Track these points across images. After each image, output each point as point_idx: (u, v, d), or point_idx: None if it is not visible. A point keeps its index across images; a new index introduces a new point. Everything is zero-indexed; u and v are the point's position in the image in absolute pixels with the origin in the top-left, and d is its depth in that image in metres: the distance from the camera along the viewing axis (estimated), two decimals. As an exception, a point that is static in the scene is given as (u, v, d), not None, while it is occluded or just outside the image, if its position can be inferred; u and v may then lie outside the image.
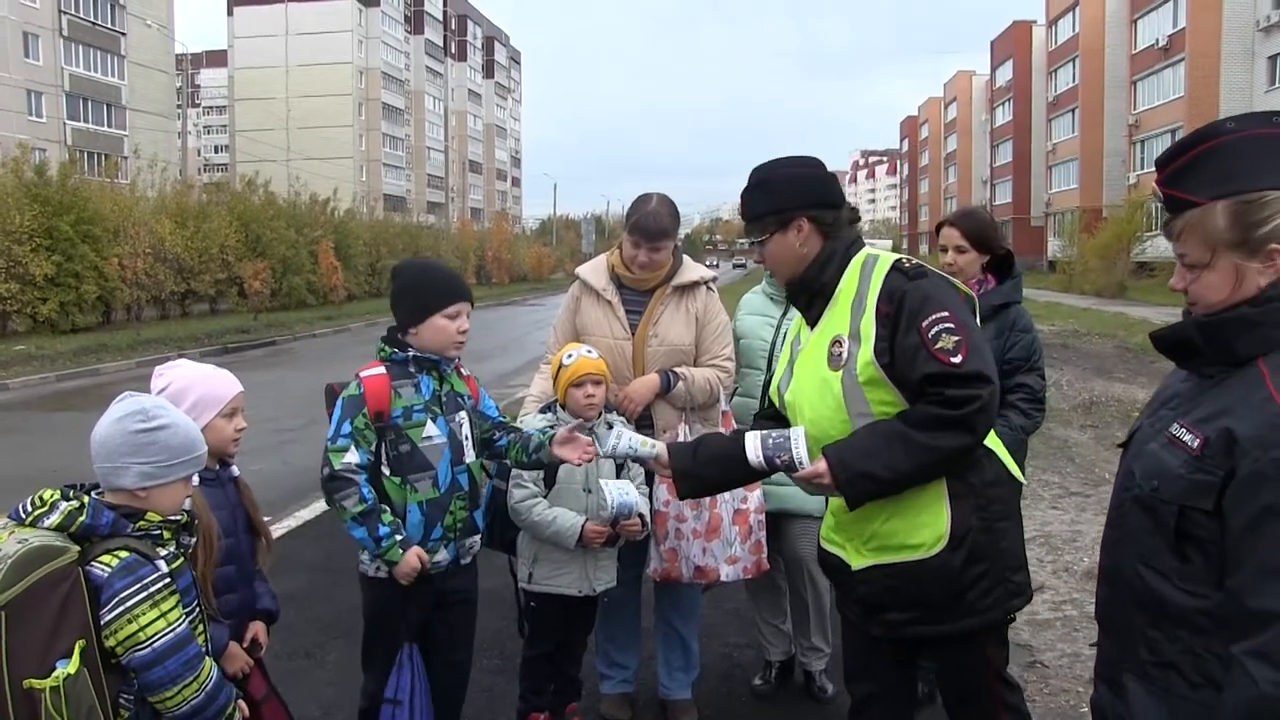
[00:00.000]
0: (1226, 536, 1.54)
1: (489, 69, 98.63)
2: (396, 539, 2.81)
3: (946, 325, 2.19)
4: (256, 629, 2.70)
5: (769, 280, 3.74)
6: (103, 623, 1.89)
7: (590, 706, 3.70)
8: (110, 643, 1.90)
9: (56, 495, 1.97)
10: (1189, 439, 1.61)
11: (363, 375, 2.91)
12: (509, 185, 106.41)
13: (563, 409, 3.34)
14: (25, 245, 21.19)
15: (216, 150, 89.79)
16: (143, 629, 1.91)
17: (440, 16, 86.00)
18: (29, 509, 1.95)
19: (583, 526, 3.21)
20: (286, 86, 70.35)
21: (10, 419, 12.20)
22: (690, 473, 2.53)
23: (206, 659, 2.06)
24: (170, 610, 1.96)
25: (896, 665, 2.51)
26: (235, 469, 2.70)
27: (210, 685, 2.03)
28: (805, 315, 2.52)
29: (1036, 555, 5.62)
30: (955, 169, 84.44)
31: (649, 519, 3.36)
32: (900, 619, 2.34)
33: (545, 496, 3.28)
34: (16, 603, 1.80)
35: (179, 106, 50.34)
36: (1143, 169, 43.90)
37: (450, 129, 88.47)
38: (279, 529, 6.43)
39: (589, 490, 3.29)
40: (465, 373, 3.11)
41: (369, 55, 73.59)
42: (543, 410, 3.43)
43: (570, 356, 3.31)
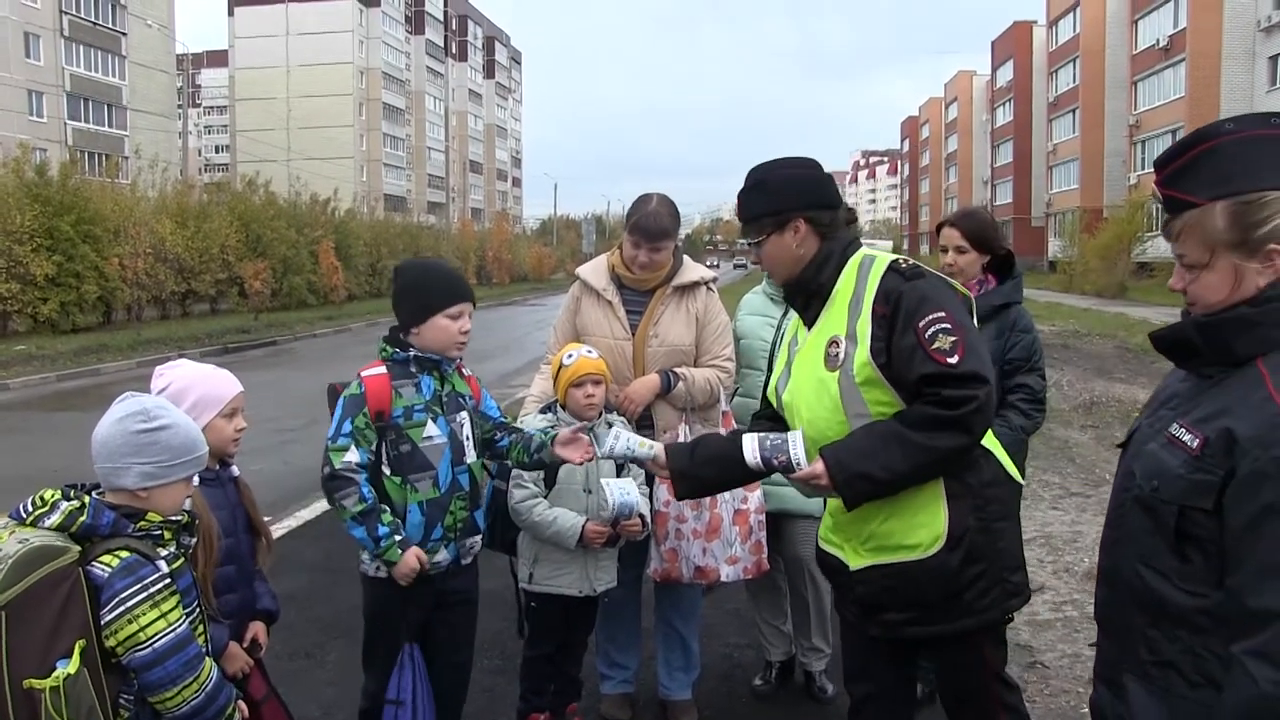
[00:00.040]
0: (1226, 536, 1.54)
1: (489, 69, 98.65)
2: (395, 539, 2.81)
3: (943, 326, 2.19)
4: (256, 629, 2.70)
5: (769, 281, 3.74)
6: (103, 623, 1.89)
7: (590, 707, 3.70)
8: (110, 643, 1.90)
9: (57, 495, 1.97)
10: (1188, 439, 1.61)
11: (364, 375, 2.91)
12: (509, 185, 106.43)
13: (563, 409, 3.34)
14: (26, 245, 21.22)
15: (217, 150, 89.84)
16: (143, 629, 1.91)
17: (441, 17, 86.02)
18: (30, 509, 1.95)
19: (583, 527, 3.21)
20: (287, 86, 70.37)
21: (11, 419, 12.21)
22: (688, 473, 2.53)
23: (206, 659, 2.06)
24: (170, 611, 1.96)
25: (895, 665, 2.51)
26: (235, 469, 2.70)
27: (210, 686, 2.03)
28: (802, 316, 2.52)
29: (1037, 556, 5.62)
30: (956, 169, 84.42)
31: (649, 519, 3.36)
32: (898, 619, 2.34)
33: (545, 497, 3.28)
34: (17, 602, 1.80)
35: (180, 106, 50.31)
36: (1143, 169, 43.88)
37: (451, 129, 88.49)
38: (279, 529, 6.43)
39: (589, 490, 3.29)
40: (467, 373, 3.11)
41: (370, 55, 73.60)
42: (543, 410, 3.42)
43: (570, 356, 3.31)
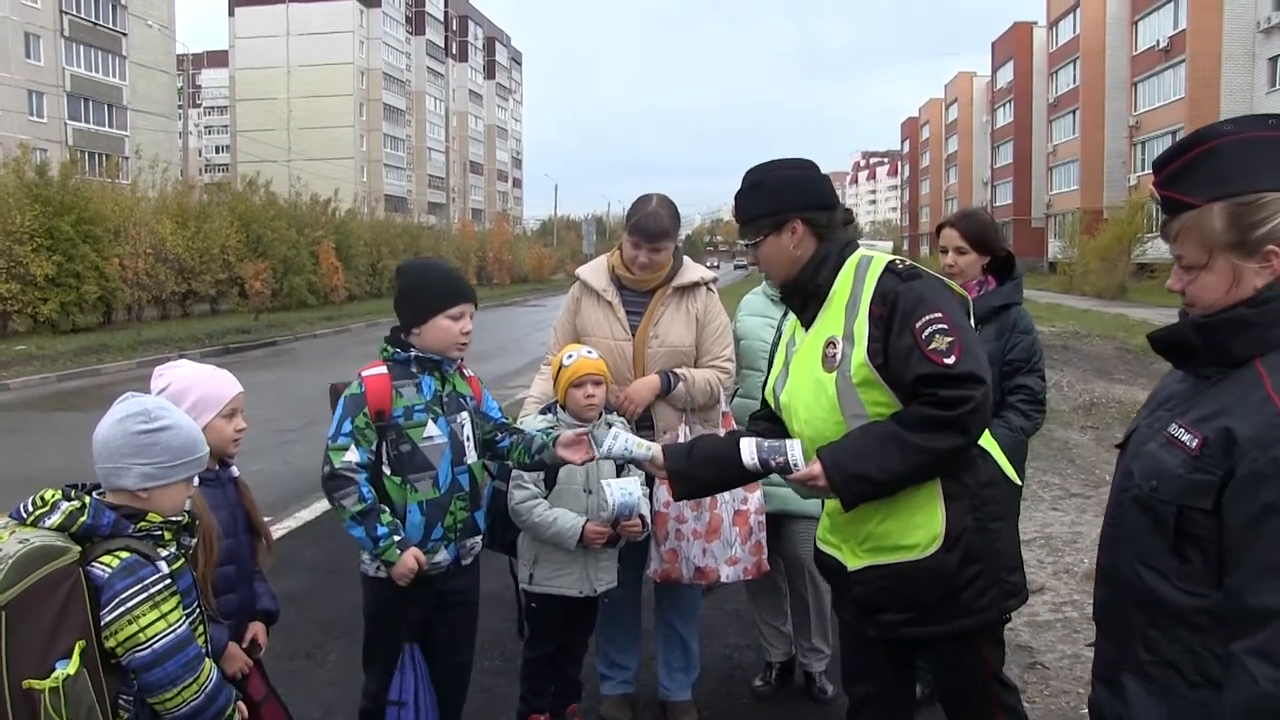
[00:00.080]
0: (1225, 536, 1.54)
1: (490, 70, 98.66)
2: (394, 539, 2.81)
3: (940, 326, 2.20)
4: (256, 629, 2.70)
5: (769, 281, 3.74)
6: (103, 623, 1.89)
7: (590, 708, 3.70)
8: (110, 643, 1.90)
9: (58, 495, 1.97)
10: (1187, 439, 1.61)
11: (364, 374, 2.91)
12: (510, 186, 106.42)
13: (563, 410, 3.34)
14: (26, 245, 21.23)
15: (218, 150, 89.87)
16: (143, 630, 1.91)
17: (441, 17, 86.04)
18: (30, 509, 1.95)
19: (583, 527, 3.21)
20: (288, 87, 70.36)
21: (11, 419, 12.21)
22: (685, 474, 2.53)
23: (206, 660, 2.06)
24: (171, 611, 1.96)
25: (894, 666, 2.51)
26: (235, 469, 2.70)
27: (210, 687, 2.03)
28: (800, 317, 2.53)
29: (1037, 557, 5.62)
30: (956, 170, 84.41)
31: (649, 520, 3.36)
32: (896, 620, 2.34)
33: (546, 497, 3.28)
34: (17, 603, 1.80)
35: (180, 107, 50.38)
36: (1143, 170, 43.83)
37: (451, 130, 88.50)
38: (280, 529, 6.43)
39: (589, 491, 3.29)
40: (468, 373, 3.11)
41: (370, 56, 73.61)
42: (543, 411, 3.42)
43: (570, 357, 3.31)
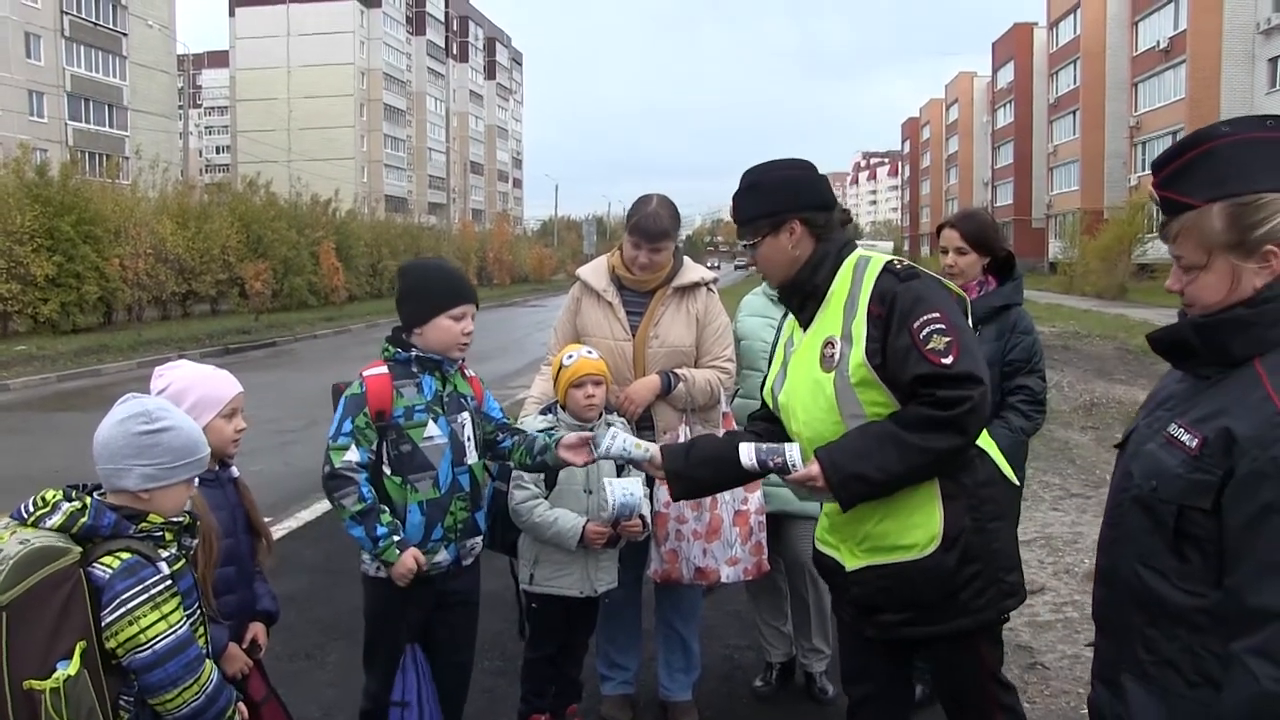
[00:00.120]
0: (1225, 535, 1.54)
1: (490, 70, 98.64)
2: (394, 539, 2.82)
3: (938, 326, 2.20)
4: (256, 630, 2.70)
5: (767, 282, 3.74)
6: (104, 624, 1.89)
7: (591, 708, 3.70)
8: (111, 644, 1.90)
9: (59, 496, 1.97)
10: (1187, 439, 1.61)
11: (365, 374, 2.92)
12: (510, 186, 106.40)
13: (563, 410, 3.34)
14: (26, 246, 21.24)
15: (218, 151, 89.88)
16: (143, 631, 1.91)
17: (442, 18, 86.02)
18: (31, 509, 1.95)
19: (584, 528, 3.21)
20: (288, 87, 70.36)
21: (11, 419, 12.21)
22: (683, 474, 2.54)
23: (207, 661, 2.06)
24: (171, 612, 1.96)
25: (892, 667, 2.52)
26: (235, 470, 2.70)
27: (211, 688, 2.03)
28: (798, 317, 2.53)
29: (1037, 557, 5.62)
30: (956, 170, 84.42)
31: (650, 520, 3.36)
32: (894, 620, 2.34)
33: (546, 498, 3.28)
34: (18, 603, 1.80)
35: (180, 107, 50.51)
36: (1144, 171, 43.77)
37: (452, 130, 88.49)
38: (280, 530, 6.44)
39: (590, 491, 3.29)
40: (469, 374, 3.11)
41: (370, 56, 73.60)
42: (543, 411, 3.42)
43: (570, 357, 3.31)
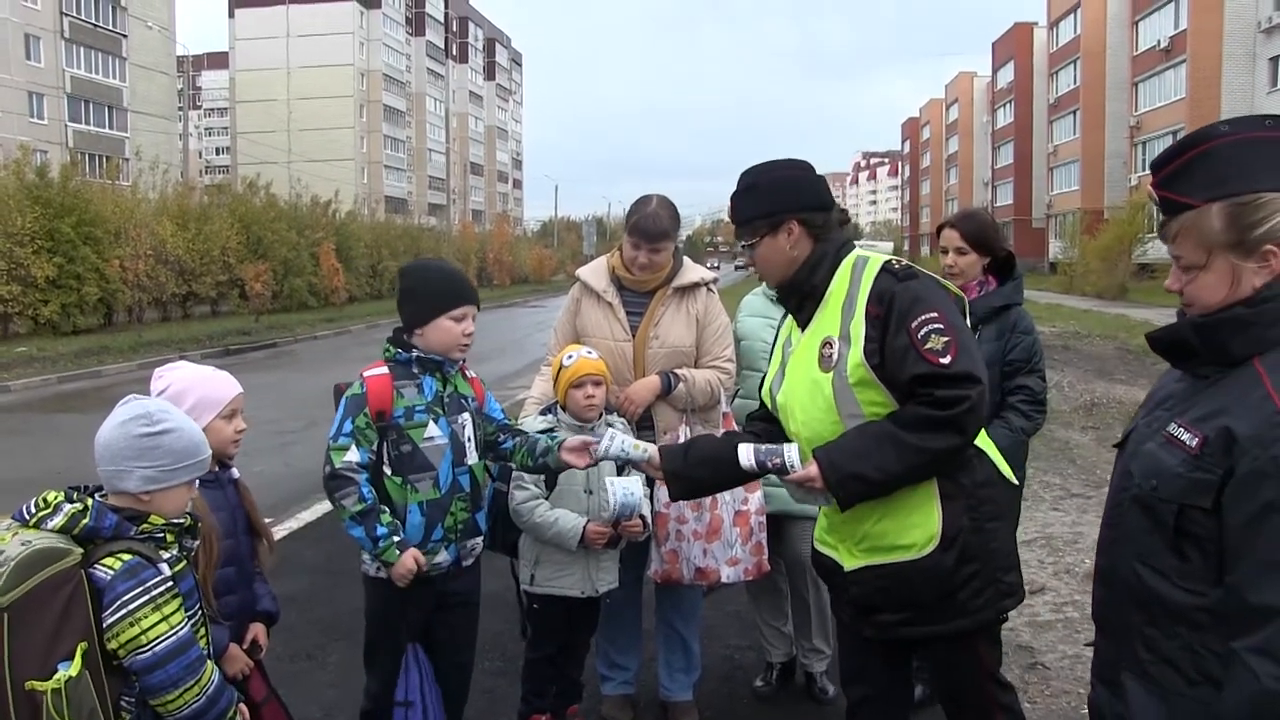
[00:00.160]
0: (1225, 534, 1.55)
1: (490, 71, 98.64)
2: (394, 540, 2.82)
3: (936, 326, 2.20)
4: (256, 630, 2.70)
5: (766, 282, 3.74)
6: (105, 625, 1.90)
7: (591, 708, 3.70)
8: (112, 645, 1.91)
9: (60, 497, 1.97)
10: (1187, 438, 1.61)
11: (366, 375, 2.92)
12: (510, 187, 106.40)
13: (563, 410, 3.34)
14: (27, 247, 21.22)
15: (218, 152, 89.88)
16: (144, 632, 1.91)
17: (441, 18, 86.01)
18: (33, 511, 1.96)
19: (584, 528, 3.21)
20: (288, 88, 70.37)
21: (12, 420, 12.21)
22: (682, 474, 2.54)
23: (208, 662, 2.06)
24: (172, 614, 1.96)
25: (891, 667, 2.52)
26: (235, 471, 2.70)
27: (211, 689, 2.03)
28: (796, 317, 2.53)
29: (1038, 557, 5.62)
30: (956, 170, 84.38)
31: (650, 520, 3.37)
32: (892, 620, 2.35)
33: (547, 498, 3.28)
34: (19, 604, 1.80)
35: (180, 108, 50.34)
36: (1144, 171, 43.69)
37: (451, 131, 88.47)
38: (280, 530, 6.44)
39: (590, 491, 3.29)
40: (470, 374, 3.12)
41: (370, 57, 73.59)
42: (543, 412, 3.43)
43: (570, 358, 3.31)
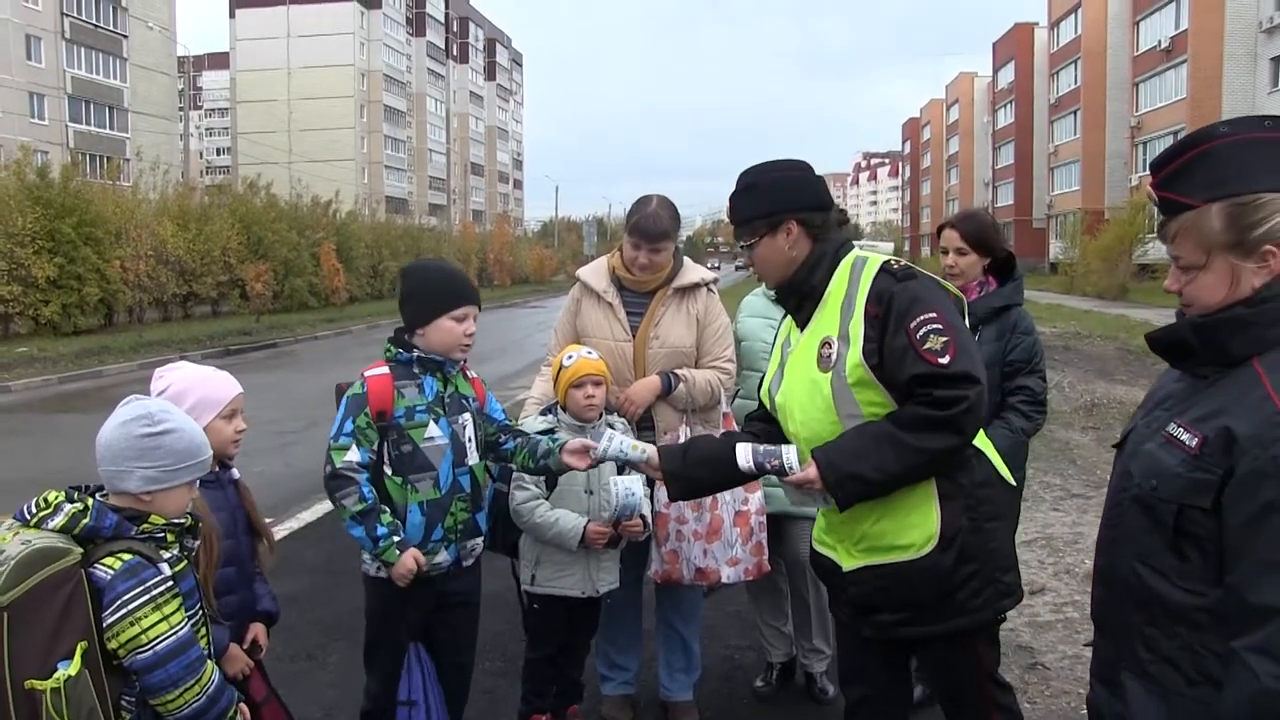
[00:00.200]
0: (1225, 534, 1.55)
1: (491, 71, 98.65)
2: (394, 540, 2.82)
3: (934, 326, 2.20)
4: (256, 630, 2.70)
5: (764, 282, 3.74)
6: (105, 625, 1.90)
7: (592, 708, 3.70)
8: (112, 645, 1.91)
9: (61, 497, 1.98)
10: (1186, 438, 1.61)
11: (367, 375, 2.92)
12: (511, 187, 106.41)
13: (563, 410, 3.34)
14: (27, 248, 21.23)
15: (218, 152, 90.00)
16: (144, 631, 1.92)
17: (442, 19, 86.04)
18: (33, 511, 1.96)
19: (585, 528, 3.21)
20: (288, 89, 70.41)
21: (13, 421, 12.22)
22: (681, 475, 2.54)
23: (209, 662, 2.06)
24: (173, 613, 1.96)
25: (890, 667, 2.52)
26: (235, 471, 2.70)
27: (212, 689, 2.03)
28: (795, 317, 2.53)
29: (1038, 557, 5.62)
30: (957, 171, 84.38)
31: (650, 520, 3.37)
32: (891, 620, 2.35)
33: (547, 498, 3.28)
34: (19, 604, 1.81)
35: (181, 109, 50.50)
36: (1145, 171, 43.55)
37: (452, 131, 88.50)
38: (281, 531, 6.44)
39: (591, 492, 3.30)
40: (471, 375, 3.12)
41: (371, 58, 73.61)
42: (543, 412, 3.43)
43: (570, 358, 3.31)
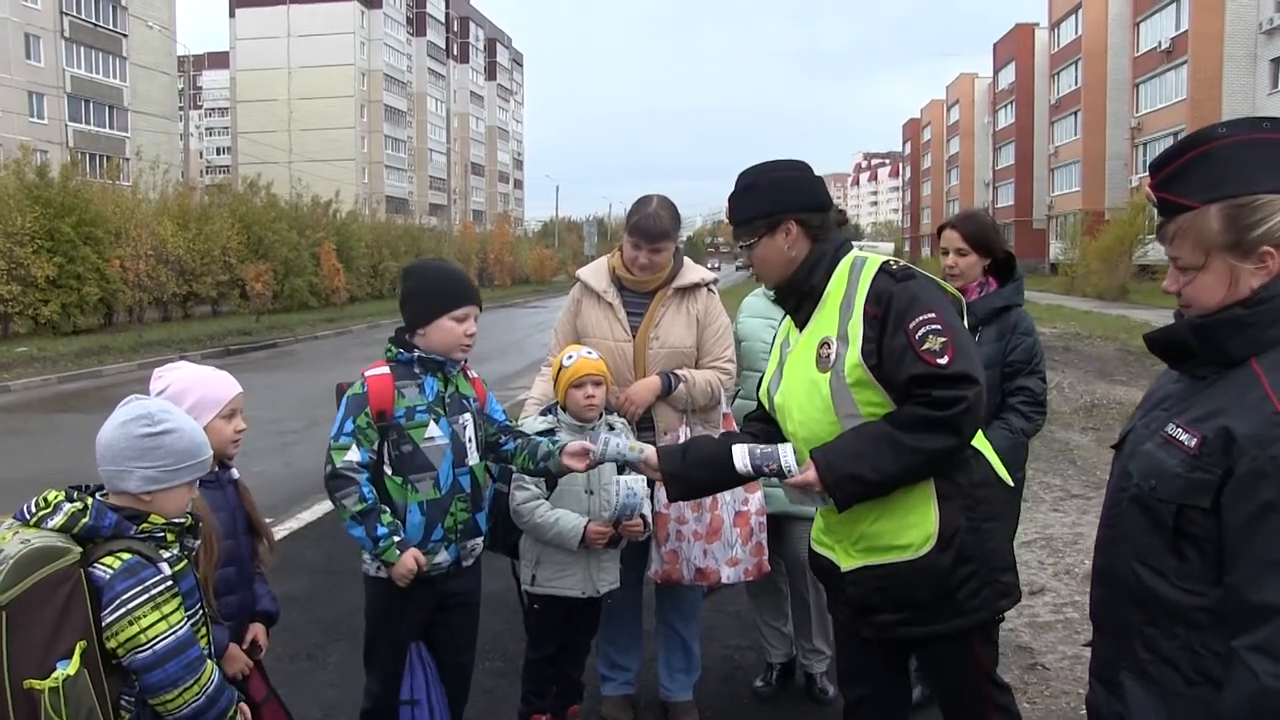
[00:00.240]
0: (1224, 534, 1.55)
1: (491, 71, 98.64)
2: (394, 540, 2.82)
3: (933, 326, 2.20)
4: (256, 630, 2.70)
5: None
6: (104, 624, 1.90)
7: (592, 709, 3.70)
8: (111, 644, 1.91)
9: (61, 497, 1.98)
10: (1185, 438, 1.62)
11: (367, 374, 2.92)
12: (511, 187, 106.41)
13: (563, 410, 3.34)
14: (27, 247, 21.23)
15: (219, 152, 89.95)
16: (143, 631, 1.91)
17: (442, 18, 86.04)
18: (33, 510, 1.96)
19: (585, 528, 3.21)
20: (288, 88, 70.40)
21: (13, 421, 12.22)
22: (680, 475, 2.54)
23: (208, 662, 2.06)
24: (172, 613, 1.96)
25: (889, 668, 2.52)
26: (235, 471, 2.70)
27: (211, 688, 2.03)
28: (794, 317, 2.53)
29: (1038, 558, 5.62)
30: (957, 171, 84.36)
31: (650, 520, 3.37)
32: (890, 620, 2.35)
33: (547, 498, 3.28)
34: (17, 603, 1.81)
35: (181, 108, 50.49)
36: (1145, 172, 43.24)
37: (452, 131, 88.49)
38: (281, 531, 6.45)
39: (591, 492, 3.29)
40: (472, 375, 3.12)
41: (371, 57, 73.61)
42: (543, 413, 3.43)
43: (570, 358, 3.31)
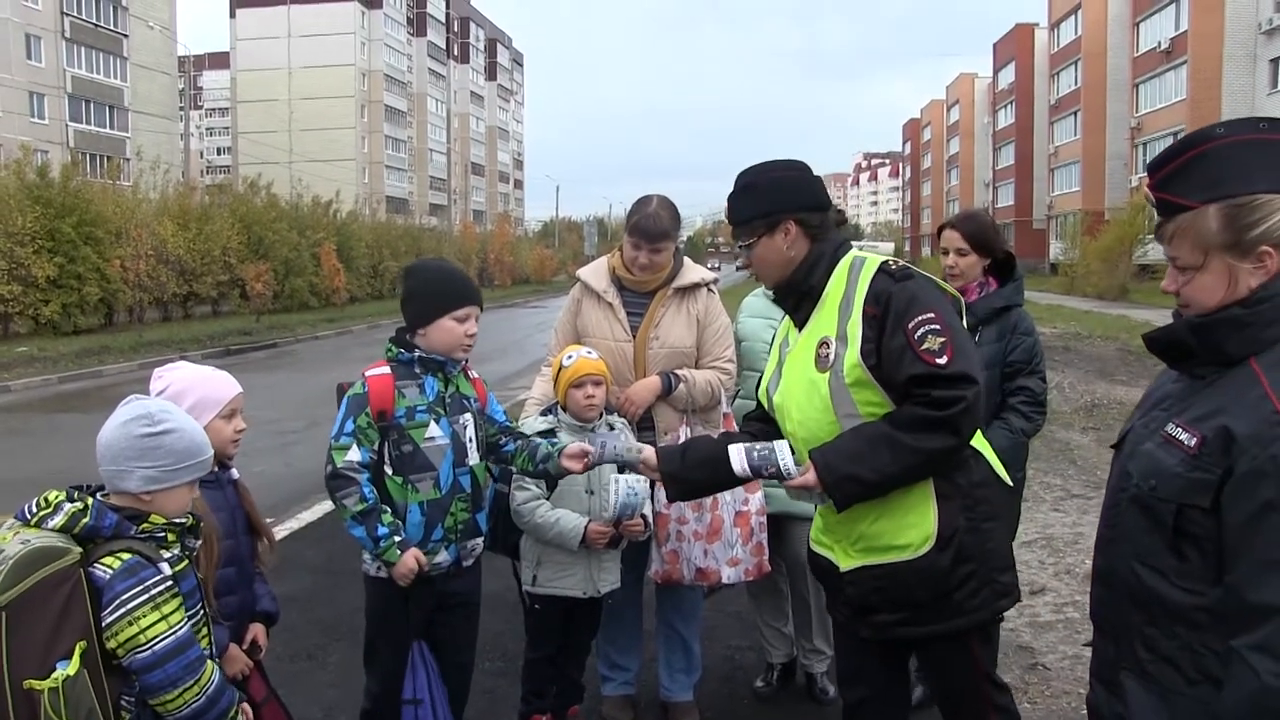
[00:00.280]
0: (1224, 533, 1.55)
1: (491, 71, 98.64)
2: (395, 540, 2.82)
3: (932, 326, 2.21)
4: (256, 631, 2.70)
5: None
6: (104, 624, 1.90)
7: (592, 709, 3.70)
8: (111, 645, 1.91)
9: (61, 497, 1.98)
10: (1185, 438, 1.62)
11: (367, 374, 2.93)
12: (511, 187, 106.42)
13: (563, 410, 3.34)
14: (27, 247, 21.25)
15: (219, 152, 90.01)
16: (143, 631, 1.91)
17: (443, 19, 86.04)
18: (34, 510, 1.96)
19: (585, 528, 3.21)
20: (289, 89, 70.42)
21: (13, 420, 12.22)
22: (679, 476, 2.54)
23: (209, 662, 2.06)
24: (172, 613, 1.96)
25: (889, 668, 2.52)
26: (235, 471, 2.70)
27: (212, 689, 2.03)
28: (793, 317, 2.53)
29: (1038, 558, 5.62)
30: (957, 171, 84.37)
31: (651, 520, 3.37)
32: (889, 620, 2.35)
33: (547, 498, 3.28)
34: (17, 603, 1.81)
35: (181, 108, 50.51)
36: (1144, 172, 43.63)
37: (453, 131, 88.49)
38: (281, 531, 6.45)
39: (591, 492, 3.29)
40: (473, 375, 3.12)
41: (371, 57, 73.63)
42: (543, 413, 3.42)
43: (570, 358, 3.31)
